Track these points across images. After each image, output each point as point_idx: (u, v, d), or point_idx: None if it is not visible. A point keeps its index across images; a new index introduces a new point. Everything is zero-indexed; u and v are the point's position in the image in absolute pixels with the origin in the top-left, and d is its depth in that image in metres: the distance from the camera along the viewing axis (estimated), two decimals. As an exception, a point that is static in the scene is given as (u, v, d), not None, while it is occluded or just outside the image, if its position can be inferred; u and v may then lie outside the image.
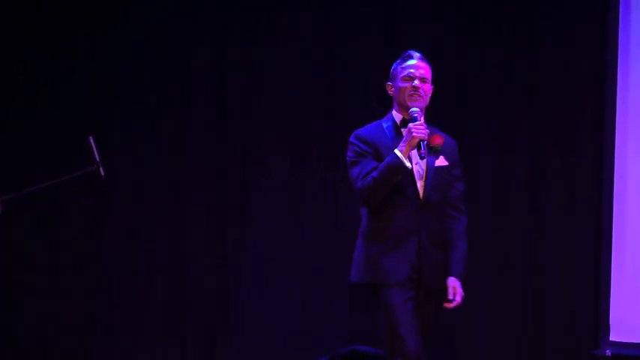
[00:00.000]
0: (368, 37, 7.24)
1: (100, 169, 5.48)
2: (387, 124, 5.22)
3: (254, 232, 7.28)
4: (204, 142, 7.36)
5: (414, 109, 5.10)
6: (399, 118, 5.19)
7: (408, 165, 5.01)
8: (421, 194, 5.11)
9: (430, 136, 5.15)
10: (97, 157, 5.49)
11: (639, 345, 6.74)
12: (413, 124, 5.03)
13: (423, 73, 5.17)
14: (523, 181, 7.04)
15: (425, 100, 5.19)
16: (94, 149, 5.47)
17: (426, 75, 5.18)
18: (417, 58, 5.21)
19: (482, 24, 7.13)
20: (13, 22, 7.42)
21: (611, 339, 6.78)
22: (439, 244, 5.16)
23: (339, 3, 7.30)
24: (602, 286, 6.83)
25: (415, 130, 5.00)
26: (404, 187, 5.08)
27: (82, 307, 7.34)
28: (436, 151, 5.17)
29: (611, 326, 6.79)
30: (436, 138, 5.18)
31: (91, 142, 5.48)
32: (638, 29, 6.83)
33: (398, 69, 5.21)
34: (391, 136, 5.15)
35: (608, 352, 6.72)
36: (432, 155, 5.15)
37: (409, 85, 5.15)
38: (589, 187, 6.95)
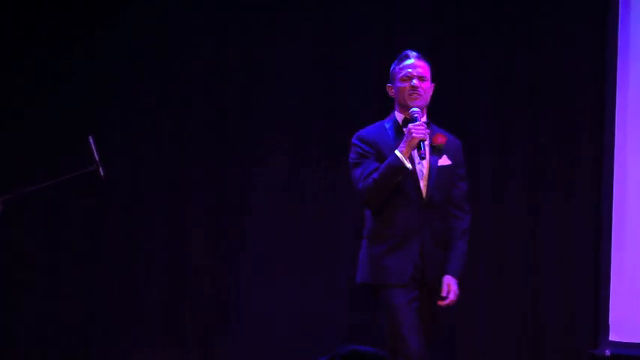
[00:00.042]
0: (368, 37, 7.23)
1: (100, 168, 5.49)
2: (389, 124, 5.22)
3: (254, 232, 7.28)
4: (204, 142, 7.36)
5: (414, 109, 5.11)
6: (400, 118, 5.20)
7: (408, 166, 5.01)
8: (424, 194, 5.12)
9: (433, 136, 5.15)
10: (97, 157, 5.50)
11: (639, 345, 6.74)
12: (413, 124, 5.04)
13: (420, 71, 5.17)
14: (523, 181, 7.04)
15: (425, 99, 5.19)
16: (93, 149, 5.48)
17: (424, 73, 5.18)
18: (413, 57, 5.21)
19: (482, 24, 7.12)
20: (13, 22, 7.41)
21: (611, 339, 6.77)
22: (442, 243, 5.16)
23: (339, 3, 7.30)
24: (601, 286, 6.83)
25: (415, 131, 5.00)
26: (406, 187, 5.08)
27: (82, 307, 7.33)
28: (439, 151, 5.17)
29: (611, 326, 6.79)
30: (439, 137, 5.18)
31: (91, 142, 5.49)
32: (637, 29, 6.82)
33: (396, 69, 5.22)
34: (393, 137, 5.15)
35: (607, 352, 6.72)
36: (435, 154, 5.16)
37: (408, 85, 5.15)
38: (589, 187, 6.94)
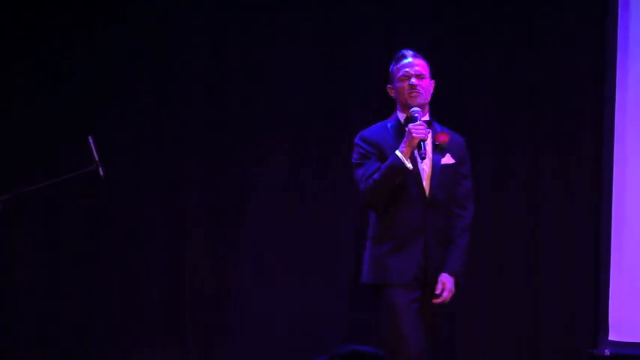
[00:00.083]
0: (368, 37, 7.23)
1: (100, 168, 5.49)
2: (391, 124, 5.22)
3: (254, 232, 7.27)
4: (204, 142, 7.36)
5: (414, 108, 5.11)
6: (402, 117, 5.19)
7: (409, 166, 5.01)
8: (427, 193, 5.11)
9: (435, 135, 5.15)
10: (97, 157, 5.50)
11: (638, 345, 6.74)
12: (413, 124, 5.04)
13: (418, 69, 5.17)
14: (523, 181, 7.04)
15: (425, 97, 5.19)
16: (93, 149, 5.48)
17: (422, 71, 5.18)
18: (410, 56, 5.21)
19: (482, 24, 7.12)
20: (13, 22, 7.41)
21: (610, 338, 6.77)
22: (445, 242, 5.16)
23: (339, 3, 7.30)
24: (601, 286, 6.83)
25: (415, 131, 5.01)
26: (409, 186, 5.07)
27: (81, 307, 7.33)
28: (442, 149, 5.17)
29: (610, 326, 6.79)
30: (441, 136, 5.18)
31: (91, 142, 5.49)
32: (637, 29, 6.83)
33: (394, 70, 5.23)
34: (395, 136, 5.14)
35: (607, 351, 6.71)
36: (437, 153, 5.15)
37: (406, 84, 5.16)
38: (588, 187, 6.94)
